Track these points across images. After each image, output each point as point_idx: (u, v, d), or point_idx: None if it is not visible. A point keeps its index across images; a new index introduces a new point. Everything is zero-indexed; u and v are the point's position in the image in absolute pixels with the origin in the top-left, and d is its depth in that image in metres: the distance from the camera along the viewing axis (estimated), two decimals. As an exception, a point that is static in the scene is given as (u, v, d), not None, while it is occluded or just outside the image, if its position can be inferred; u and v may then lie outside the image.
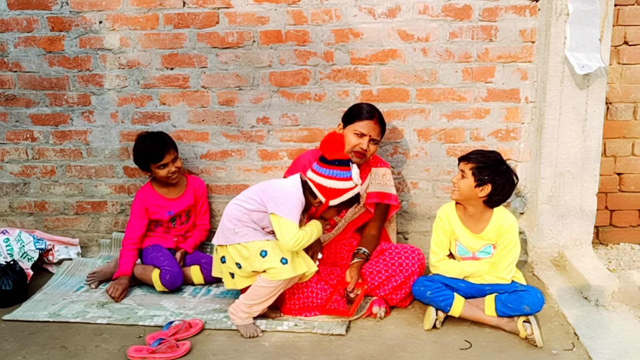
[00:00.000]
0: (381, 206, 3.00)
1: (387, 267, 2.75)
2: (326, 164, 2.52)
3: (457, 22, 3.14)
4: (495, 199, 2.61)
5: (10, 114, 3.42)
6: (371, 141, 2.86)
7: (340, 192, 2.52)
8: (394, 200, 3.01)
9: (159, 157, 3.04)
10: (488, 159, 2.60)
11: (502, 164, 2.62)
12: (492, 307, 2.57)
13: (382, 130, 2.92)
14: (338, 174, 2.51)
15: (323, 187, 2.52)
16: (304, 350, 2.45)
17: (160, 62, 3.28)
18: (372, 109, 2.91)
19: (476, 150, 2.70)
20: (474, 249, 2.68)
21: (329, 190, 2.51)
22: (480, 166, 2.57)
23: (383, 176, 3.01)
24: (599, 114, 3.04)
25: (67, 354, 2.46)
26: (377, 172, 3.02)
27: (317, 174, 2.54)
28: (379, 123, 2.89)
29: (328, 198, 2.53)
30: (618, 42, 3.20)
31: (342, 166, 2.52)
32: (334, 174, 2.51)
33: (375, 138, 2.87)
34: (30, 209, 3.55)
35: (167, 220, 3.19)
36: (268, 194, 2.54)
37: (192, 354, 2.43)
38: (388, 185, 3.01)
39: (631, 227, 3.47)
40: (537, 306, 2.52)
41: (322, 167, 2.53)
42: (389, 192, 3.00)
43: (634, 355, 2.36)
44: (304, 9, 3.16)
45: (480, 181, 2.57)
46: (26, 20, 3.26)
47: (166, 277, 2.96)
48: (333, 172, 2.51)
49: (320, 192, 2.52)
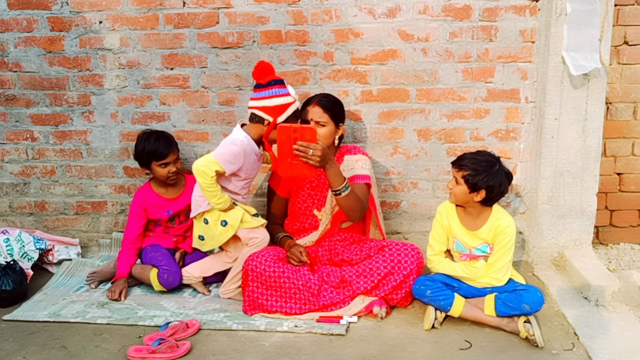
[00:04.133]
0: (357, 186, 2.86)
1: (386, 264, 2.75)
2: (263, 87, 2.75)
3: (457, 22, 3.14)
4: (493, 198, 2.61)
5: (10, 114, 3.42)
6: (317, 124, 2.83)
7: (284, 108, 2.75)
8: (366, 179, 2.89)
9: (163, 155, 3.04)
10: (479, 164, 2.56)
11: (494, 165, 2.58)
12: (492, 307, 2.57)
13: (327, 111, 2.83)
14: (277, 92, 2.74)
15: (267, 107, 2.74)
16: (304, 350, 2.45)
17: (160, 62, 3.29)
18: (313, 96, 2.91)
19: (468, 154, 2.64)
20: (470, 246, 2.68)
21: (273, 108, 2.73)
22: (472, 174, 2.55)
23: (357, 161, 2.95)
24: (599, 114, 3.04)
25: (67, 354, 2.46)
26: (350, 159, 2.96)
27: (258, 99, 2.76)
28: (319, 105, 2.84)
29: (274, 116, 2.74)
30: (618, 42, 3.20)
31: (277, 84, 2.75)
32: (273, 92, 2.73)
33: (319, 120, 2.83)
34: (30, 209, 3.56)
35: (166, 220, 3.19)
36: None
37: (192, 354, 2.43)
38: (360, 168, 2.92)
39: (631, 227, 3.47)
40: (537, 305, 2.52)
41: (260, 92, 2.76)
42: (360, 173, 2.90)
43: (634, 355, 2.36)
44: (304, 9, 3.16)
45: (474, 187, 2.57)
46: (26, 20, 3.26)
47: (164, 277, 2.96)
48: (271, 91, 2.73)
49: (266, 112, 2.74)
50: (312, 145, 2.55)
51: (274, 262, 2.75)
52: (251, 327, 2.63)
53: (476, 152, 2.65)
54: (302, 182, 3.02)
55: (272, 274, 2.72)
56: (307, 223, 3.01)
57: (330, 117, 2.85)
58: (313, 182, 3.00)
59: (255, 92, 2.78)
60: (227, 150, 2.75)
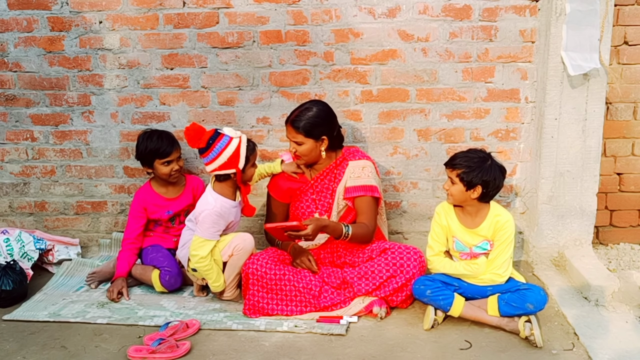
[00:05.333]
0: (365, 199, 2.88)
1: (388, 267, 2.75)
2: (206, 150, 2.71)
3: (457, 22, 3.14)
4: (490, 194, 2.62)
5: (10, 114, 3.42)
6: (295, 143, 2.85)
7: (237, 154, 2.72)
8: (374, 192, 2.88)
9: (166, 153, 3.04)
10: (471, 161, 2.58)
11: (486, 160, 2.60)
12: (495, 307, 2.57)
13: (299, 131, 2.81)
14: (220, 146, 2.70)
15: (223, 164, 2.72)
16: (304, 350, 2.45)
17: (160, 62, 3.28)
18: (290, 113, 2.89)
19: (458, 154, 2.66)
20: (470, 245, 2.69)
21: (228, 161, 2.71)
22: (466, 171, 2.57)
23: (363, 169, 2.91)
24: (599, 114, 3.04)
25: (67, 354, 2.46)
26: (356, 165, 2.92)
27: (211, 162, 2.73)
28: (292, 126, 2.83)
29: (234, 166, 2.72)
30: (618, 42, 3.19)
31: (216, 139, 2.70)
32: (218, 149, 2.70)
33: (294, 140, 2.84)
34: (30, 209, 3.55)
35: (167, 220, 3.19)
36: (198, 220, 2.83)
37: (192, 354, 2.43)
38: (367, 177, 2.89)
39: (631, 227, 3.47)
40: (540, 304, 2.53)
41: (207, 155, 2.72)
42: (367, 184, 2.88)
43: (634, 355, 2.36)
44: (304, 9, 3.16)
45: (470, 185, 2.57)
46: (26, 20, 3.26)
47: (166, 278, 2.97)
48: (215, 149, 2.70)
49: (226, 168, 2.72)
50: (301, 232, 2.63)
51: (274, 265, 2.75)
52: (251, 327, 2.63)
53: (467, 150, 2.68)
54: (305, 188, 3.00)
55: (272, 277, 2.72)
56: None
57: (305, 136, 2.82)
58: (317, 188, 2.99)
59: (204, 158, 2.75)
60: (209, 222, 2.76)
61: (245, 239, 2.80)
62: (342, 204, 2.93)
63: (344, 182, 2.92)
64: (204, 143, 2.70)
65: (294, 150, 2.87)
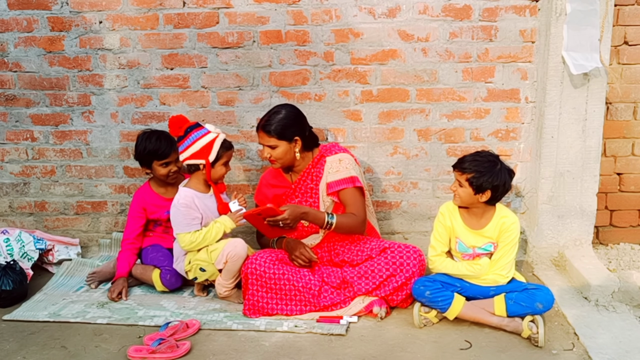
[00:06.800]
0: (348, 191, 2.86)
1: (388, 266, 2.75)
2: (183, 137, 2.79)
3: (457, 22, 3.14)
4: (497, 197, 2.61)
5: (10, 114, 3.42)
6: (269, 147, 2.85)
7: (210, 146, 2.78)
8: (355, 182, 2.85)
9: (164, 154, 3.04)
10: (481, 166, 2.56)
11: (496, 164, 2.58)
12: (503, 307, 2.56)
13: (271, 135, 2.82)
14: (197, 135, 2.77)
15: (194, 153, 2.77)
16: (304, 350, 2.45)
17: (160, 62, 3.29)
18: (261, 118, 2.89)
19: (467, 156, 2.63)
20: (474, 246, 2.68)
21: (200, 151, 2.76)
22: (476, 176, 2.55)
23: (340, 162, 2.90)
24: (599, 114, 3.04)
25: (67, 354, 2.46)
26: (333, 160, 2.92)
27: (185, 150, 2.79)
28: (263, 130, 2.84)
29: (205, 157, 2.77)
30: (618, 42, 3.20)
31: (195, 129, 2.79)
32: (194, 137, 2.77)
33: (267, 144, 2.85)
34: (30, 209, 3.56)
35: (166, 219, 3.18)
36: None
37: (192, 354, 2.43)
38: (345, 170, 2.87)
39: (631, 227, 3.47)
40: (549, 304, 2.53)
41: (183, 143, 2.79)
42: (347, 176, 2.86)
43: (634, 355, 2.36)
44: (304, 9, 3.16)
45: (479, 189, 2.56)
46: (26, 20, 3.26)
47: (167, 277, 2.97)
48: (191, 137, 2.77)
49: (196, 157, 2.78)
50: (278, 217, 2.67)
51: (273, 264, 2.75)
52: (251, 327, 2.63)
53: (476, 153, 2.64)
54: (290, 193, 2.99)
55: (272, 276, 2.72)
56: (304, 231, 2.99)
57: (278, 138, 2.83)
58: (300, 190, 2.97)
59: (180, 145, 2.81)
60: (180, 216, 2.81)
61: (236, 245, 2.80)
62: (327, 200, 2.92)
63: (324, 179, 2.92)
64: (182, 131, 2.79)
65: (269, 155, 2.87)
